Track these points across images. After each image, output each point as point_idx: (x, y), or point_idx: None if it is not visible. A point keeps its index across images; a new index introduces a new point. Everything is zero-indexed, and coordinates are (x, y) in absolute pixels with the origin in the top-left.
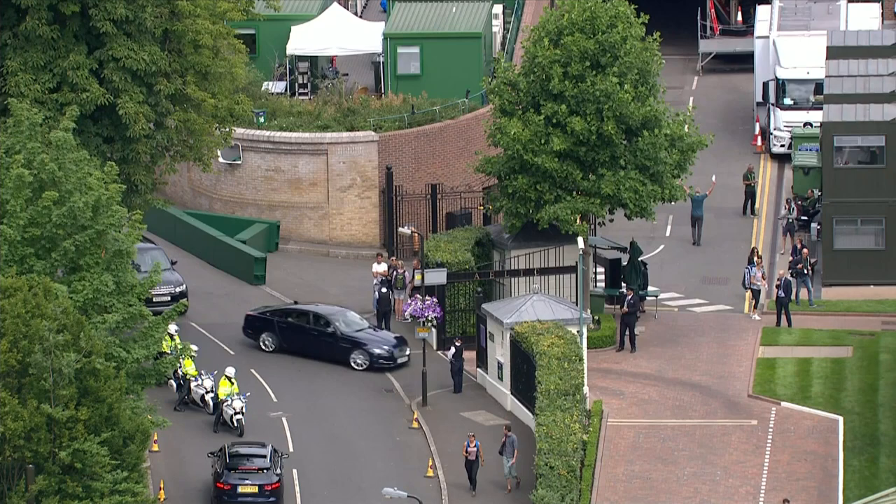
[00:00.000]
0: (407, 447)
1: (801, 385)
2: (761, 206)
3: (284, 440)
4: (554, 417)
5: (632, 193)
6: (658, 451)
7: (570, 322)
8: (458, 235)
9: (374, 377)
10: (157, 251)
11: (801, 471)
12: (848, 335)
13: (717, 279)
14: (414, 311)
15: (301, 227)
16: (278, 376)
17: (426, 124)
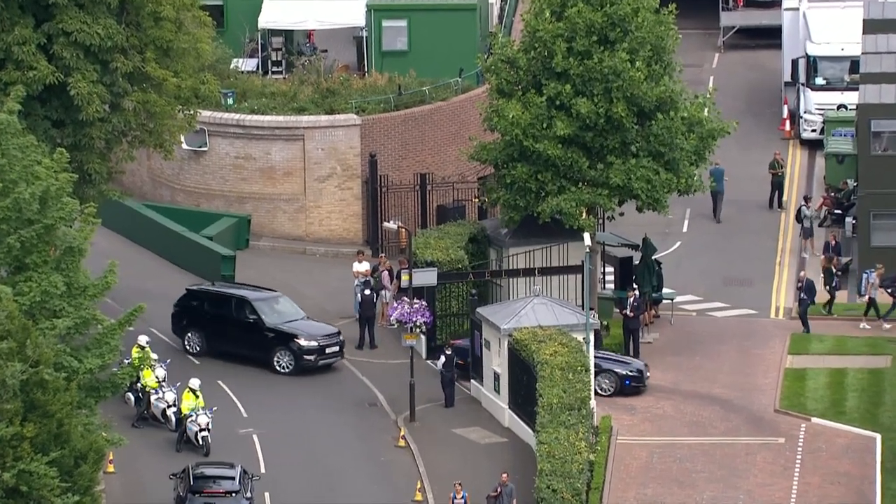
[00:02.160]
0: (392, 468)
1: (834, 399)
2: (789, 198)
3: (255, 460)
4: (557, 435)
5: (644, 183)
6: (674, 472)
7: (576, 328)
8: (449, 231)
9: (355, 389)
10: (284, 299)
11: (833, 495)
12: (887, 343)
13: (741, 280)
14: (401, 316)
15: (274, 222)
16: (248, 388)
17: (414, 107)
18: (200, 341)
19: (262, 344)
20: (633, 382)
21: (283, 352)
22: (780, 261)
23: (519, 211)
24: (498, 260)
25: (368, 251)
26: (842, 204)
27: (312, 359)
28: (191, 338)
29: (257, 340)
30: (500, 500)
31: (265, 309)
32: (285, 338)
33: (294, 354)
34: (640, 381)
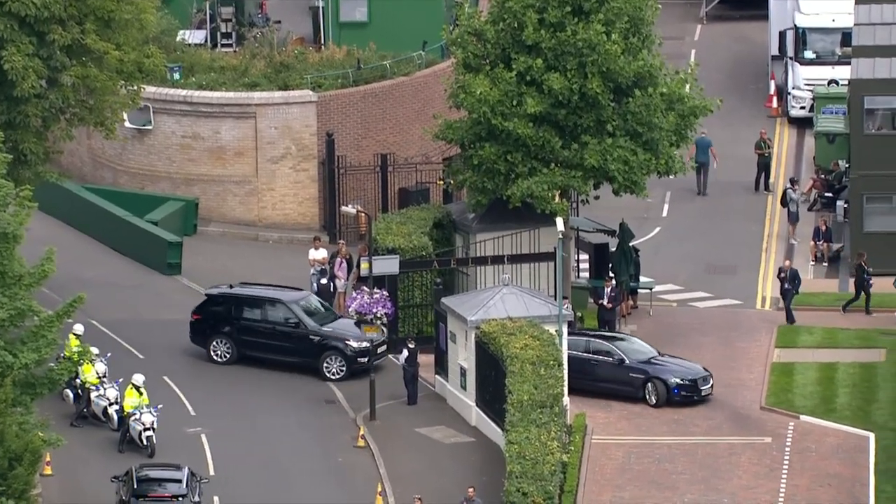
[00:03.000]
0: (351, 469)
1: (824, 395)
2: (776, 180)
3: (204, 461)
4: (528, 434)
5: (621, 165)
6: (652, 473)
7: (548, 319)
8: (412, 216)
9: (312, 386)
10: (312, 297)
11: (823, 498)
12: (880, 335)
13: (724, 268)
14: (360, 307)
15: (224, 206)
16: (197, 384)
17: (374, 82)
18: (230, 349)
19: (308, 349)
20: (683, 392)
21: (333, 356)
22: (766, 247)
23: (487, 194)
24: (464, 247)
25: (325, 237)
26: (833, 186)
27: (365, 361)
28: (217, 346)
29: (302, 345)
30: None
31: (302, 310)
32: (333, 341)
33: (346, 358)
34: (695, 391)
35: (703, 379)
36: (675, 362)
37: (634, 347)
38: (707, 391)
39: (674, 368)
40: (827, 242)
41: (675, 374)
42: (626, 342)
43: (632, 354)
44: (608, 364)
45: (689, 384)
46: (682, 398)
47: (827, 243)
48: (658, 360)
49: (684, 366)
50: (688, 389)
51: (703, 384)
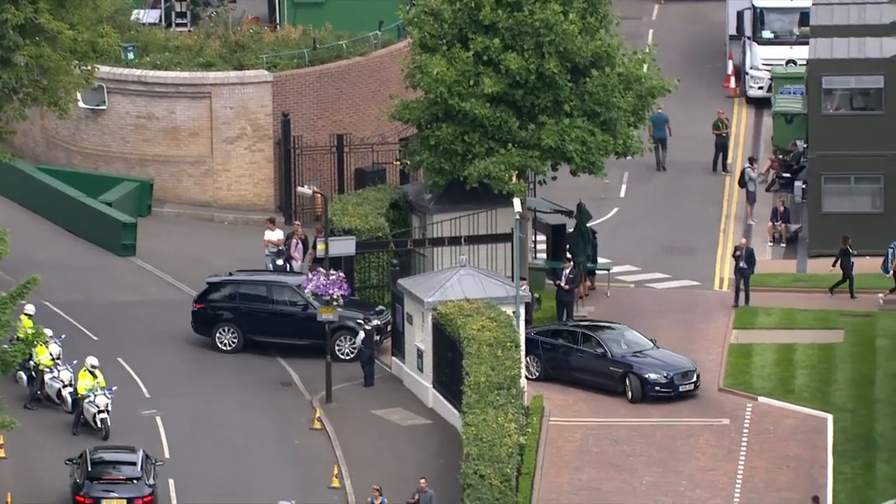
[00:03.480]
0: (307, 452)
1: (783, 377)
2: (734, 161)
3: (159, 444)
4: (485, 416)
5: (578, 145)
6: (610, 455)
7: (505, 301)
8: (369, 196)
9: (267, 367)
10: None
11: (781, 479)
12: (839, 316)
13: (682, 249)
14: (316, 288)
15: (179, 187)
16: (151, 367)
17: (330, 62)
18: (236, 337)
19: (319, 330)
20: (657, 388)
21: (346, 336)
22: (724, 228)
23: (444, 175)
24: (421, 227)
25: (281, 218)
26: (791, 167)
27: (378, 339)
28: (222, 334)
29: (312, 327)
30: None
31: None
32: (346, 320)
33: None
34: (671, 388)
35: (683, 375)
36: (660, 356)
37: (626, 339)
38: (687, 387)
39: (654, 363)
40: (785, 223)
41: (654, 369)
42: (617, 332)
43: (617, 346)
44: (590, 355)
45: (664, 381)
46: (656, 394)
47: (785, 224)
48: (642, 354)
49: (667, 360)
50: (663, 386)
51: (683, 380)
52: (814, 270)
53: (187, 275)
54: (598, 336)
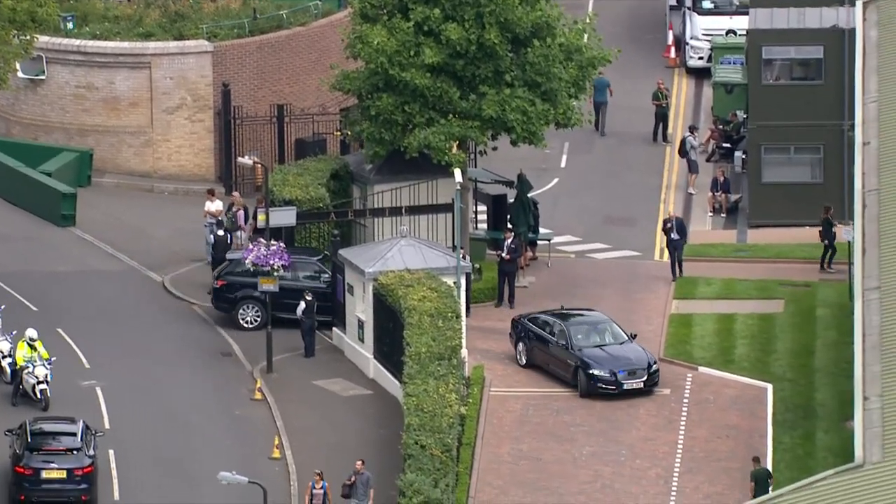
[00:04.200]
0: (248, 423)
1: (723, 346)
2: (674, 131)
3: (99, 415)
4: (426, 386)
5: (519, 115)
6: (550, 426)
7: (446, 271)
8: (309, 167)
9: (208, 338)
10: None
11: (721, 449)
12: (778, 286)
13: (623, 220)
14: (257, 259)
15: (119, 157)
16: (91, 337)
17: (271, 32)
18: (259, 314)
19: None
20: (601, 385)
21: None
22: (664, 198)
23: (384, 145)
24: (362, 198)
25: (221, 189)
26: (731, 137)
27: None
28: (245, 311)
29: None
30: (355, 490)
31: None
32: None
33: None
34: (615, 385)
35: (631, 372)
36: (617, 351)
37: (598, 330)
38: (635, 385)
39: (604, 358)
40: (725, 193)
41: (600, 364)
42: (590, 324)
43: (583, 339)
44: (556, 345)
45: (608, 377)
46: (601, 391)
47: (725, 194)
48: (603, 348)
49: (621, 355)
50: (606, 382)
51: (631, 378)
52: (754, 241)
53: (127, 245)
54: (565, 326)
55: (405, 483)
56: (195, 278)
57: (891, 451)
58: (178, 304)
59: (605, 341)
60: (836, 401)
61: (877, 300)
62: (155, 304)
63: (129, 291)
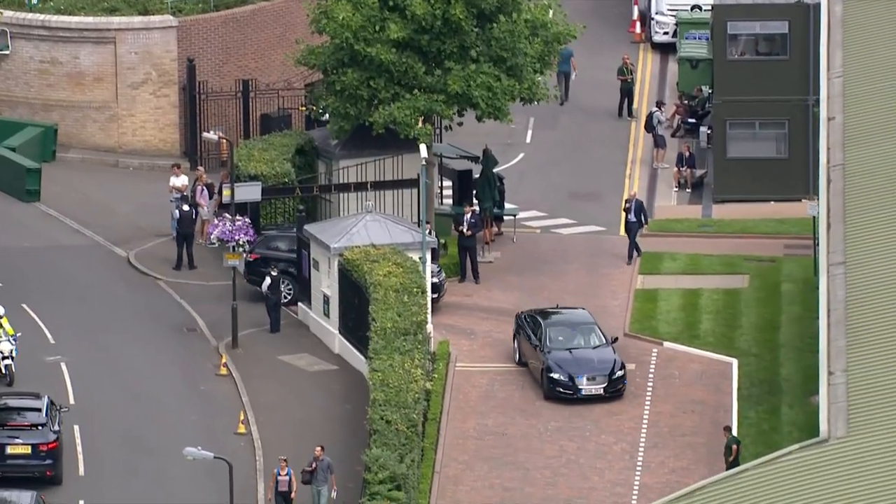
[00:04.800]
0: (213, 398)
1: (688, 322)
2: (640, 106)
3: (64, 390)
4: (391, 362)
5: (484, 91)
6: (516, 401)
7: (411, 247)
8: (274, 142)
9: (173, 313)
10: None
11: (687, 424)
12: (743, 261)
13: (588, 195)
14: (222, 234)
15: (84, 132)
16: (55, 312)
17: (236, 7)
18: (291, 288)
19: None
20: (559, 389)
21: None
22: (629, 173)
23: (350, 120)
24: (327, 173)
25: (186, 164)
26: (696, 112)
27: (436, 296)
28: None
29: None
30: (316, 476)
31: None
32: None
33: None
34: (572, 390)
35: (591, 378)
36: (585, 354)
37: (580, 329)
38: (594, 391)
39: (567, 360)
40: (690, 168)
41: (560, 367)
42: (569, 324)
43: (556, 340)
44: (531, 346)
45: (566, 381)
46: (559, 395)
47: (690, 169)
48: (568, 351)
49: (585, 359)
50: (564, 387)
51: (590, 383)
52: (719, 216)
53: (92, 220)
54: (543, 326)
55: (371, 458)
56: (160, 253)
57: (856, 426)
58: (143, 280)
59: (579, 344)
60: (801, 375)
61: (842, 275)
62: (120, 279)
63: (95, 267)
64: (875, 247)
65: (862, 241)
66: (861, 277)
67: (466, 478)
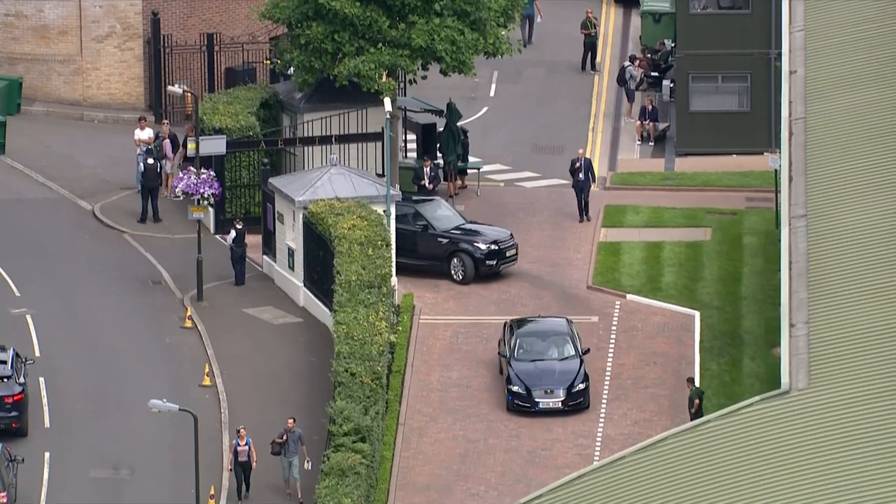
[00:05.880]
0: (178, 350)
1: (651, 274)
2: (603, 60)
3: (29, 343)
4: (356, 314)
5: (448, 45)
6: (479, 353)
7: (375, 199)
8: (239, 95)
9: (138, 266)
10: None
11: (649, 376)
12: (705, 214)
13: (551, 148)
14: (187, 187)
15: (49, 85)
16: (20, 265)
17: None
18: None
19: (437, 252)
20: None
21: (460, 258)
22: (593, 126)
23: (314, 74)
24: (292, 126)
25: (151, 117)
26: (659, 66)
27: (493, 264)
28: None
29: (430, 248)
30: (287, 447)
31: (431, 214)
32: (462, 243)
33: (474, 260)
34: (530, 403)
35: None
36: (545, 367)
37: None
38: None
39: (528, 372)
40: (653, 122)
41: (523, 380)
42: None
43: (523, 351)
44: (505, 355)
45: (523, 394)
46: (517, 407)
47: (653, 122)
48: (533, 363)
49: (546, 371)
50: (522, 399)
51: (547, 396)
52: (681, 169)
53: (57, 173)
54: (516, 334)
55: (335, 410)
56: (125, 206)
57: (817, 378)
58: (108, 232)
59: (549, 355)
60: (763, 328)
61: (803, 227)
62: (85, 232)
63: (60, 219)
64: (836, 199)
65: (823, 193)
66: (822, 230)
67: (430, 429)
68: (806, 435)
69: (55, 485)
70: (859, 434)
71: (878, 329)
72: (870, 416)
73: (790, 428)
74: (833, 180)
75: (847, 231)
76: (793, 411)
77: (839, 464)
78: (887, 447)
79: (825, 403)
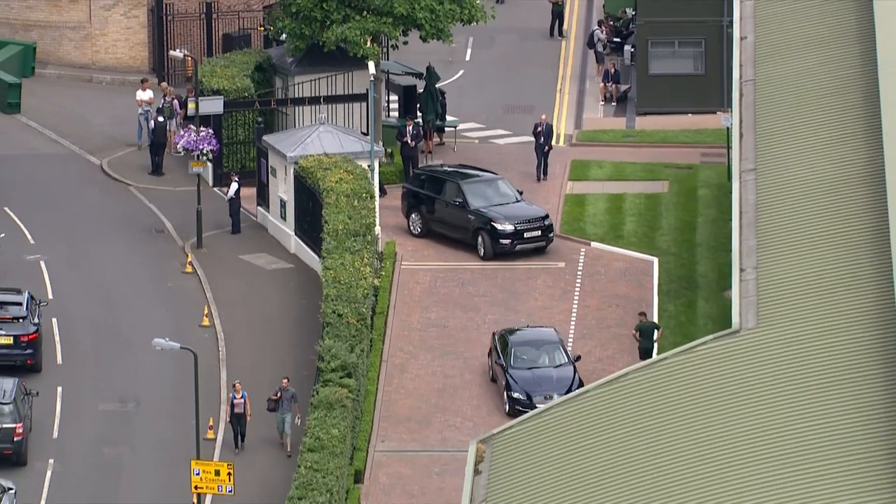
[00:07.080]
0: (180, 294)
1: (613, 223)
2: (570, 27)
3: (43, 286)
4: (342, 260)
5: (427, 13)
6: (456, 296)
7: (360, 155)
8: (235, 59)
9: (143, 216)
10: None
11: (611, 317)
12: (664, 168)
13: (522, 108)
14: (187, 144)
15: (60, 50)
16: (35, 214)
17: None
18: (422, 223)
19: (467, 227)
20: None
21: (483, 235)
22: (560, 88)
23: (304, 39)
24: (283, 88)
25: (154, 80)
26: (621, 32)
27: (509, 242)
28: (414, 220)
29: (462, 223)
30: (281, 405)
31: (473, 191)
32: (484, 221)
33: (492, 238)
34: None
35: (547, 397)
36: (543, 374)
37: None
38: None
39: (525, 378)
40: (615, 84)
41: (521, 385)
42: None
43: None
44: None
45: (523, 399)
46: (518, 412)
47: (615, 84)
48: (529, 370)
49: (542, 377)
50: (522, 405)
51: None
52: (641, 127)
53: (68, 131)
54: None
55: (324, 349)
56: (131, 161)
57: (765, 318)
58: (115, 185)
59: (543, 363)
60: (716, 272)
61: (753, 181)
62: (94, 184)
63: (71, 173)
64: (782, 154)
65: (770, 149)
66: (770, 182)
67: (411, 366)
68: (755, 370)
69: (67, 416)
70: (804, 369)
71: (820, 273)
72: (813, 353)
73: (740, 364)
74: (779, 137)
75: (792, 184)
76: (743, 348)
77: (786, 396)
78: (829, 381)
79: (772, 341)
